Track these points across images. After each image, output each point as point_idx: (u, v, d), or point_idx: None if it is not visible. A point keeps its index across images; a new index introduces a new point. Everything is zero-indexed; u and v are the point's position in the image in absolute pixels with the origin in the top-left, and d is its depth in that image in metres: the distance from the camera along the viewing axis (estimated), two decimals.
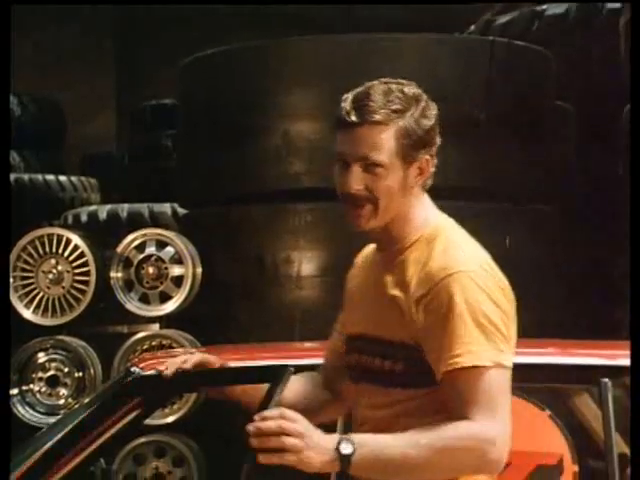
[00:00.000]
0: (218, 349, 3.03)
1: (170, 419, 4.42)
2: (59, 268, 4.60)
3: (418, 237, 1.98)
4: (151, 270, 4.55)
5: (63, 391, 4.56)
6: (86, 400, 3.09)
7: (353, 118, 1.94)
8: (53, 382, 4.55)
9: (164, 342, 4.48)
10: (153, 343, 4.50)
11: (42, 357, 4.57)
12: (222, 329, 4.47)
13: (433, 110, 1.99)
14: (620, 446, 2.46)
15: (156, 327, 4.55)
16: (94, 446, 2.31)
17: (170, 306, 4.52)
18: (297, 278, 4.70)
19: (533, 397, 2.41)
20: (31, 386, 4.57)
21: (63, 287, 4.58)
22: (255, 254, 4.47)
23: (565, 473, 2.35)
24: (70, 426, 2.40)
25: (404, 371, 1.93)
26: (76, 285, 4.57)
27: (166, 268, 4.55)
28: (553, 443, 2.37)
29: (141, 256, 4.54)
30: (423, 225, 2.00)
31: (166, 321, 4.56)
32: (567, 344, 2.64)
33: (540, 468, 2.35)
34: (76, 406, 4.35)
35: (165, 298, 4.53)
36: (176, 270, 4.55)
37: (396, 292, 1.95)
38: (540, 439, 2.38)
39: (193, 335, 4.49)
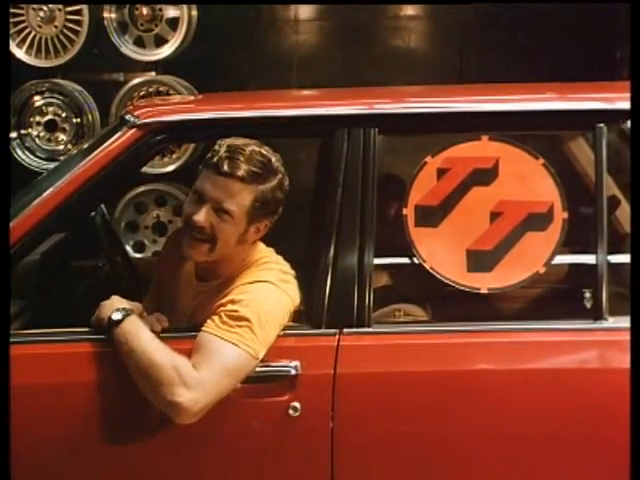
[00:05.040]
0: (215, 97, 3.02)
1: (170, 168, 4.48)
2: (50, 5, 4.48)
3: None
4: (145, 11, 4.46)
5: (62, 137, 4.58)
6: (85, 145, 3.08)
7: (225, 168, 2.24)
8: (51, 127, 4.57)
9: (161, 89, 4.46)
10: (150, 90, 4.47)
11: (39, 100, 4.55)
12: (219, 75, 4.44)
13: (287, 186, 2.32)
14: (610, 188, 2.50)
15: (152, 74, 4.51)
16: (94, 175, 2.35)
17: (166, 50, 4.46)
18: (294, 22, 4.63)
19: (528, 145, 2.41)
20: (30, 130, 4.58)
21: (56, 26, 4.49)
22: None
23: (555, 220, 2.39)
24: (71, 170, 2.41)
25: None
26: (69, 25, 4.47)
27: (160, 9, 4.46)
28: (545, 191, 2.38)
29: None
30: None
31: (163, 67, 4.51)
32: (564, 87, 2.61)
33: (530, 216, 2.38)
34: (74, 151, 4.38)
35: (161, 42, 4.47)
36: (171, 11, 4.46)
37: None
38: (532, 188, 2.39)
39: (190, 82, 4.46)
